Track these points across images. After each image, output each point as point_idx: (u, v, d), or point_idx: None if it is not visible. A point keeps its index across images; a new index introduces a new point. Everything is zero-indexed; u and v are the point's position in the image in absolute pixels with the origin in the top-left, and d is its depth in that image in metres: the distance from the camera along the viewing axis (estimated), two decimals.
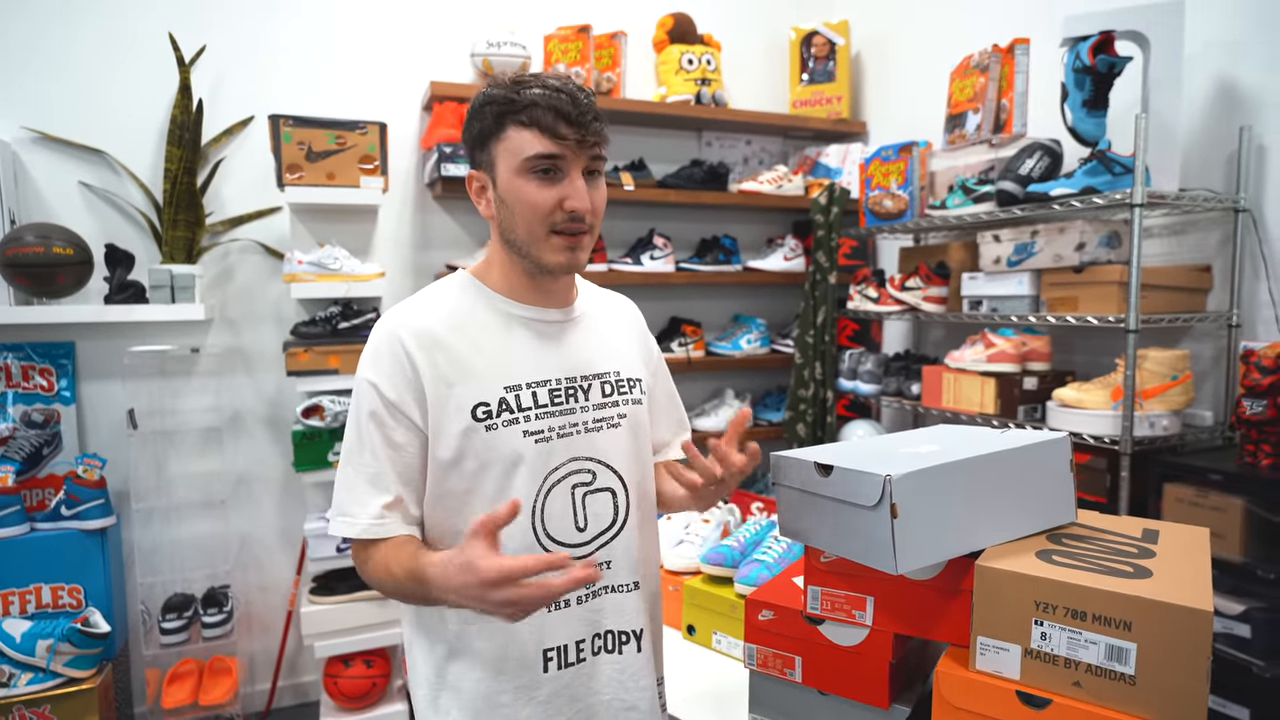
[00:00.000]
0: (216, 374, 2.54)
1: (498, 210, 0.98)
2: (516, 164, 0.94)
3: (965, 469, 0.91)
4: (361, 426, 0.96)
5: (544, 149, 0.93)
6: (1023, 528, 0.95)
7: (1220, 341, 1.93)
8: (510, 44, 2.62)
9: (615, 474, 1.03)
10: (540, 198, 0.94)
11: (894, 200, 2.49)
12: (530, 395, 0.98)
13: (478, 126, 0.97)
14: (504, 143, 0.94)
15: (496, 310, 1.01)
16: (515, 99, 0.93)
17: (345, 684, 2.41)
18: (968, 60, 2.29)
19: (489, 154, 0.96)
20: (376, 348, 0.97)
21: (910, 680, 1.05)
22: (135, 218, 2.45)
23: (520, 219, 0.95)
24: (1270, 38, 1.83)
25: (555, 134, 0.92)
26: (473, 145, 0.99)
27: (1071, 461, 1.00)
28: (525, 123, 0.93)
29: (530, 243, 0.96)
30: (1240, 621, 1.58)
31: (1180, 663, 0.77)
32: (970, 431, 1.09)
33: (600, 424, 1.03)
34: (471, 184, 1.01)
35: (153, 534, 2.47)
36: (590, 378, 1.03)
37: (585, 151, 0.95)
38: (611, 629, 1.03)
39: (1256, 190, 1.86)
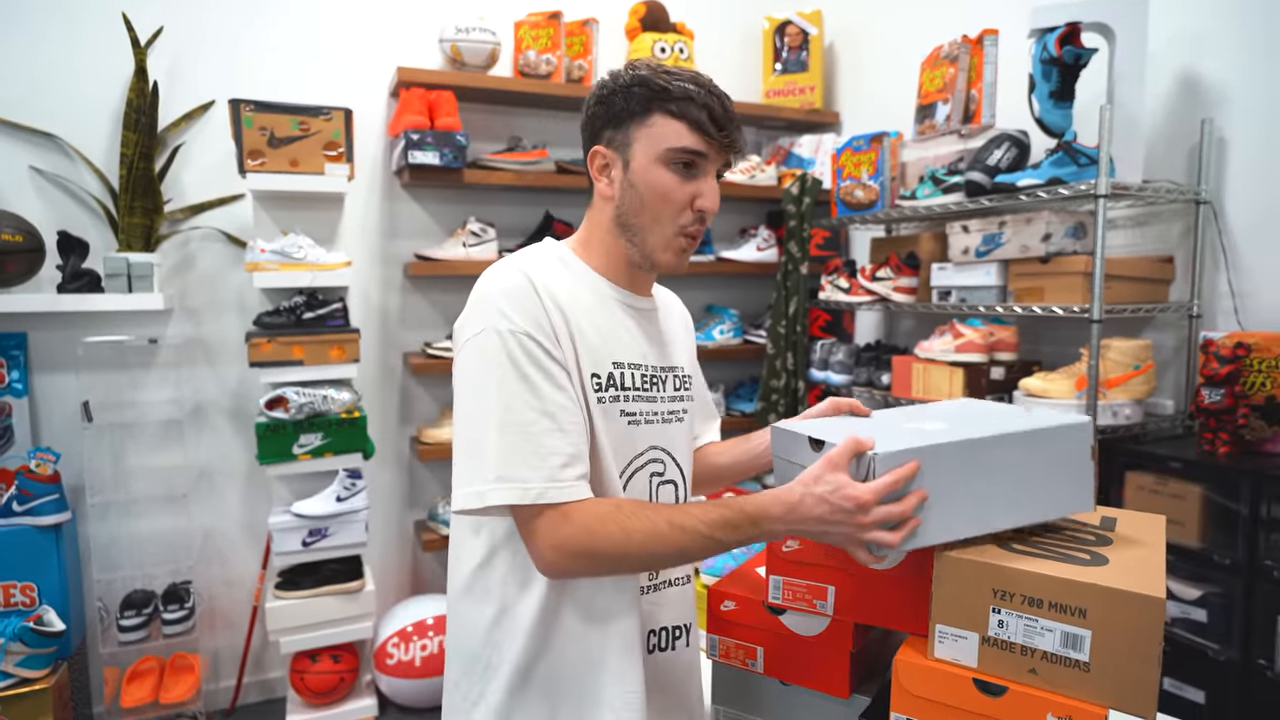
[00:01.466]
0: (177, 365, 2.48)
1: (622, 192, 0.96)
2: (659, 152, 0.93)
3: (965, 451, 0.86)
4: (525, 378, 0.87)
5: (692, 144, 0.93)
6: (1029, 515, 0.90)
7: (1182, 331, 1.96)
8: (480, 30, 2.57)
9: (679, 467, 1.05)
10: (676, 191, 0.94)
11: (865, 191, 2.49)
12: (630, 376, 0.98)
13: (620, 104, 0.95)
14: (649, 128, 0.94)
15: (600, 288, 1.00)
16: (669, 88, 0.92)
17: (312, 679, 2.38)
18: (938, 51, 2.29)
19: (626, 134, 0.95)
20: (510, 296, 0.90)
21: (872, 670, 1.05)
22: (90, 204, 2.38)
23: (649, 207, 0.95)
24: (1231, 33, 1.85)
25: (705, 131, 0.93)
26: (605, 121, 0.97)
27: (1093, 449, 0.96)
28: (675, 113, 0.93)
29: (651, 234, 0.96)
30: (1197, 606, 1.61)
31: (1133, 649, 0.77)
32: (991, 409, 1.04)
33: (672, 416, 1.03)
34: (594, 160, 0.98)
35: (110, 529, 2.41)
36: (666, 370, 1.04)
37: (725, 155, 0.96)
38: (666, 625, 1.02)
39: (1217, 182, 1.88)
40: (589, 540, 0.85)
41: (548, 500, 0.85)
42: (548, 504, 0.85)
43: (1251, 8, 1.81)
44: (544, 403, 0.87)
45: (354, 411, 2.39)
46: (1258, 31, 1.80)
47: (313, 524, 2.33)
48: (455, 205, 2.80)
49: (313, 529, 2.34)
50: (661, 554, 0.87)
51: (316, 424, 2.31)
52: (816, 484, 0.84)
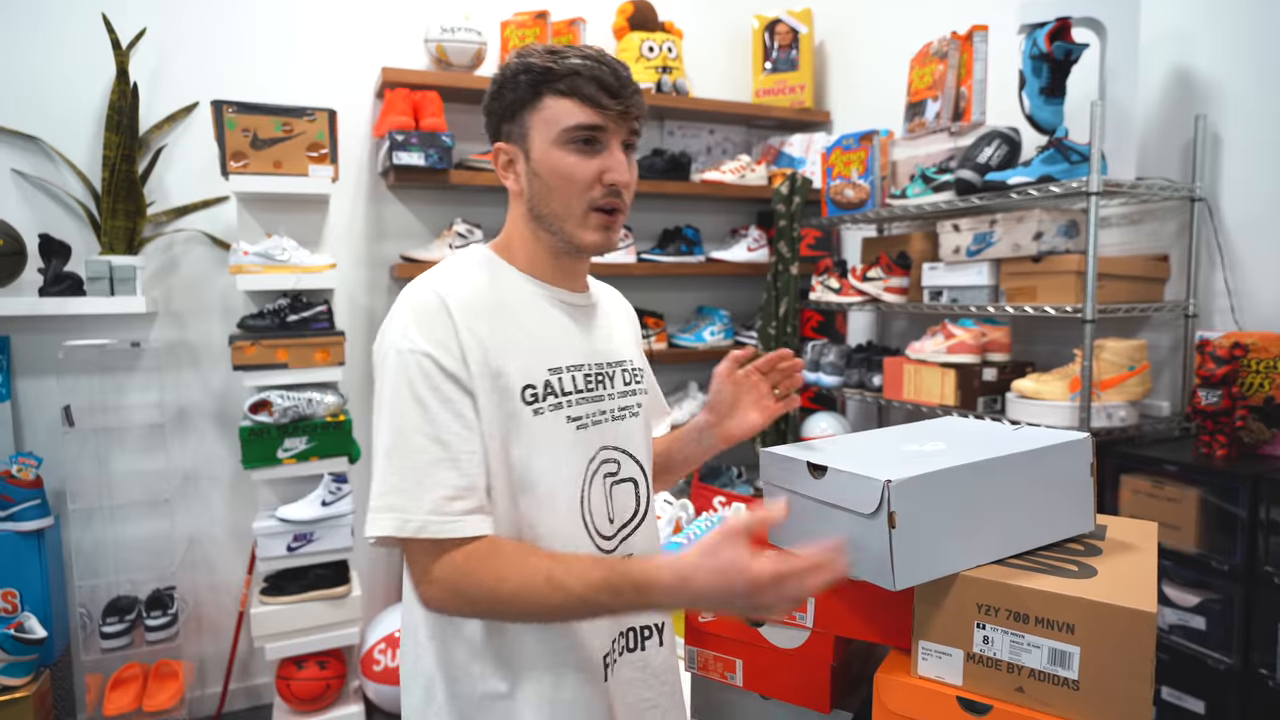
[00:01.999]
0: (160, 369, 2.45)
1: (528, 184, 0.93)
2: (554, 134, 0.89)
3: (974, 473, 0.82)
4: (421, 403, 0.83)
5: (585, 119, 0.89)
6: (1036, 538, 0.87)
7: (1177, 331, 1.93)
8: (465, 29, 2.55)
9: (637, 464, 1.00)
10: (579, 169, 0.90)
11: (855, 190, 2.46)
12: (571, 379, 0.93)
13: (510, 95, 0.91)
14: (540, 112, 0.90)
15: (530, 289, 0.95)
16: (553, 67, 0.88)
17: (298, 686, 2.35)
18: (927, 47, 2.26)
19: (521, 125, 0.92)
20: (418, 315, 0.86)
21: (855, 684, 1.02)
22: (73, 207, 2.35)
23: (557, 192, 0.91)
24: (1225, 27, 1.82)
25: (597, 104, 0.88)
26: (501, 116, 0.94)
27: (1092, 465, 0.91)
28: (564, 91, 0.89)
29: (566, 218, 0.92)
30: (1195, 613, 1.57)
31: (1124, 666, 0.74)
32: (978, 427, 1.01)
33: (624, 412, 0.99)
34: (498, 157, 0.95)
35: (93, 535, 2.38)
36: (613, 365, 1.00)
37: (626, 123, 0.91)
38: (634, 625, 0.99)
39: (1212, 179, 1.85)
40: (463, 582, 0.81)
41: (428, 535, 0.81)
42: (428, 538, 0.81)
43: (1245, 1, 1.78)
44: (436, 429, 0.83)
45: (339, 415, 2.35)
46: (1252, 25, 1.77)
47: (298, 529, 2.30)
48: (441, 206, 2.77)
49: (298, 534, 2.30)
50: (533, 608, 0.81)
51: (301, 427, 2.28)
52: (712, 557, 0.75)
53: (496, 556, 0.82)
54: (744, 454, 3.22)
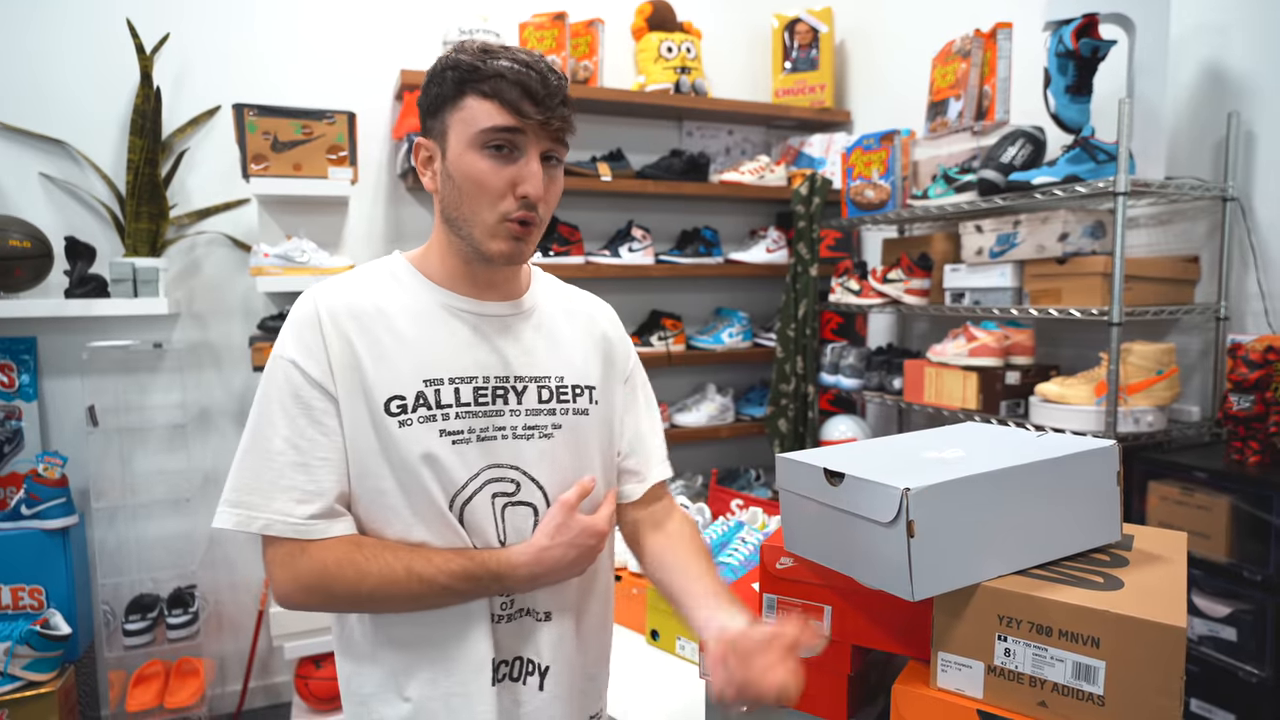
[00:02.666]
0: (182, 369, 2.48)
1: (442, 185, 0.90)
2: (470, 135, 0.86)
3: (994, 481, 0.81)
4: (283, 408, 0.86)
5: (502, 122, 0.85)
6: (1059, 549, 0.85)
7: (1208, 334, 1.88)
8: (484, 31, 2.55)
9: (539, 488, 0.93)
10: (491, 177, 0.86)
11: (875, 190, 2.43)
12: (452, 391, 0.89)
13: (435, 91, 0.89)
14: (460, 111, 0.86)
15: (428, 298, 0.93)
16: (480, 67, 0.85)
17: (316, 685, 2.36)
18: (950, 46, 2.22)
19: (442, 122, 0.88)
20: (294, 323, 0.89)
21: (873, 694, 1.00)
22: (98, 210, 2.39)
23: (466, 197, 0.87)
24: (1259, 21, 1.77)
25: (517, 109, 0.85)
26: (426, 111, 0.91)
27: (1119, 474, 0.89)
28: (486, 93, 0.85)
29: (475, 224, 0.88)
30: (1226, 624, 1.53)
31: (1152, 681, 0.72)
32: (1001, 433, 0.99)
33: (531, 431, 0.93)
34: (419, 153, 0.92)
35: (117, 533, 2.41)
36: (526, 380, 0.94)
37: (546, 134, 0.87)
38: (520, 655, 0.94)
39: (1245, 178, 1.80)
40: (322, 578, 0.85)
41: (274, 533, 0.85)
42: (276, 536, 0.85)
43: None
44: (294, 434, 0.86)
45: None
46: None
47: None
48: None
49: None
50: (395, 599, 0.86)
51: None
52: (560, 533, 0.88)
53: (357, 553, 0.85)
54: (762, 456, 3.20)
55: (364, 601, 0.86)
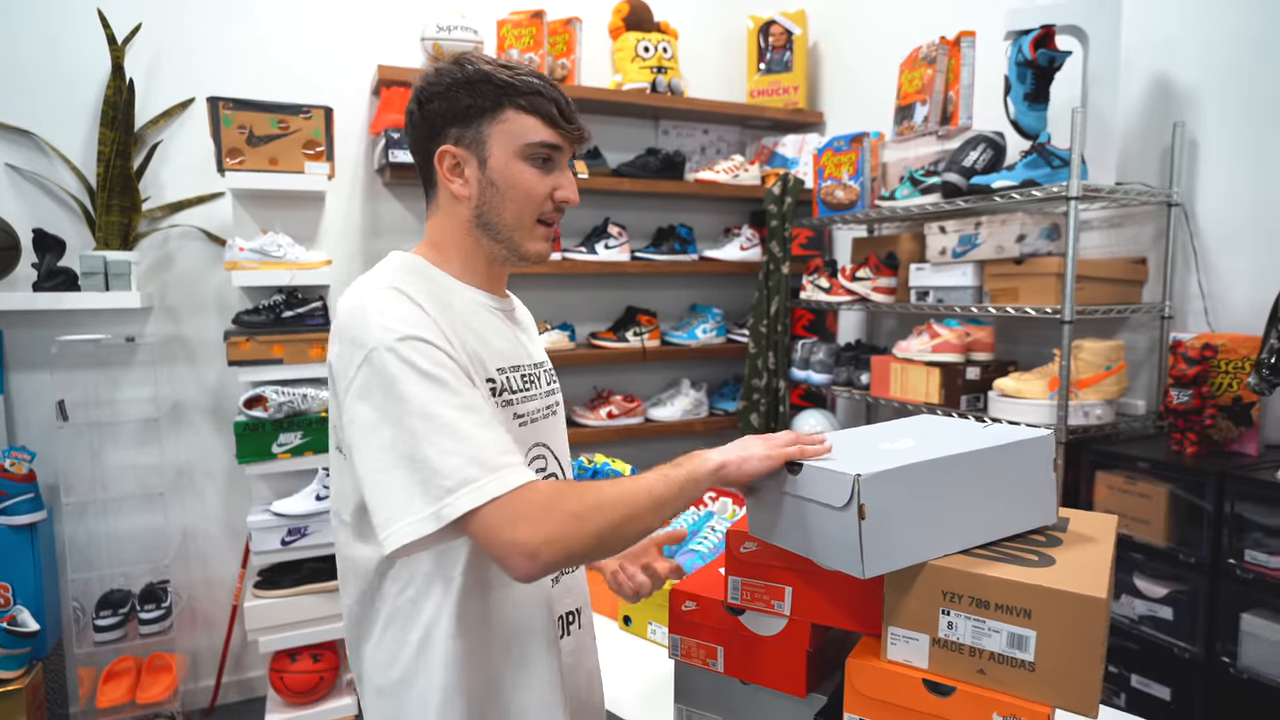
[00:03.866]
0: (155, 364, 2.47)
1: (481, 191, 0.94)
2: (517, 147, 0.93)
3: (939, 468, 0.87)
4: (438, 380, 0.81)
5: (549, 138, 0.94)
6: (999, 530, 0.91)
7: (1154, 332, 1.97)
8: (462, 28, 2.57)
9: (557, 460, 1.05)
10: (536, 184, 0.94)
11: (845, 191, 2.50)
12: (518, 378, 0.98)
13: (466, 101, 0.92)
14: (504, 123, 0.92)
15: (468, 295, 0.97)
16: (515, 83, 0.92)
17: (291, 679, 2.37)
18: (917, 52, 2.30)
19: (479, 132, 0.93)
20: (386, 309, 0.84)
21: (830, 670, 1.06)
22: (67, 202, 2.37)
23: (511, 203, 0.94)
24: (1203, 36, 1.86)
25: (557, 125, 0.94)
26: (450, 119, 0.93)
27: (1054, 461, 0.96)
28: (527, 108, 0.92)
29: (516, 228, 0.95)
30: (1164, 604, 1.62)
31: (1077, 648, 0.78)
32: (950, 425, 1.05)
33: (549, 411, 1.04)
34: (443, 160, 0.94)
35: (87, 528, 2.40)
36: (537, 366, 1.04)
37: (574, 145, 0.98)
38: (569, 609, 1.05)
39: (1189, 185, 1.89)
40: (565, 500, 0.80)
41: (509, 486, 0.78)
42: (507, 492, 0.78)
43: (1223, 11, 1.82)
44: (462, 398, 0.82)
45: None
46: (1228, 35, 1.81)
47: (292, 523, 2.33)
48: None
49: (292, 528, 2.33)
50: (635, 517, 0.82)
51: (296, 423, 2.31)
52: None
53: (573, 486, 0.83)
54: None
55: (611, 529, 0.81)
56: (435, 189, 0.98)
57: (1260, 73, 1.75)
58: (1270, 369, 1.52)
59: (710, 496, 1.85)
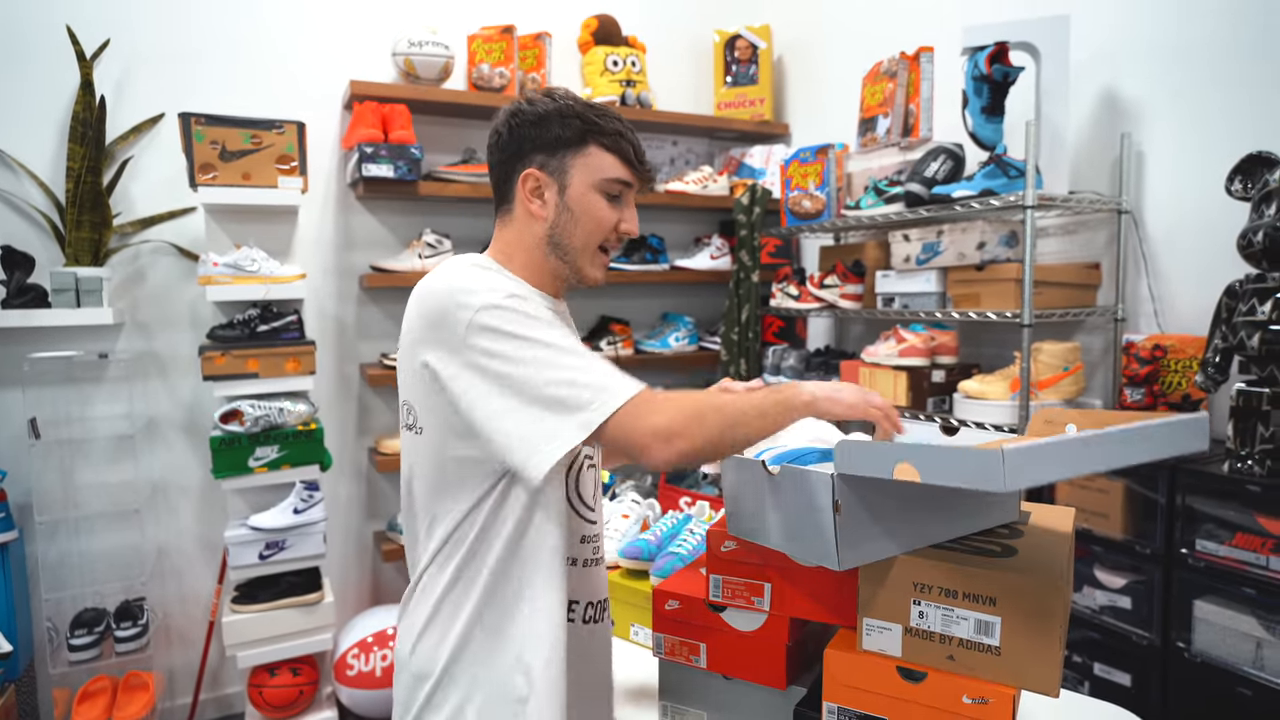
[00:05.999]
0: (128, 380, 2.45)
1: (557, 214, 1.03)
2: (596, 180, 1.03)
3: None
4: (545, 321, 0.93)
5: (624, 175, 1.04)
6: (967, 526, 0.97)
7: (1108, 334, 2.06)
8: (433, 44, 2.60)
9: (597, 454, 1.13)
10: (607, 215, 1.04)
11: (812, 201, 2.57)
12: None
13: (556, 131, 1.01)
14: (586, 157, 1.02)
15: (540, 298, 1.04)
16: (601, 123, 1.02)
17: (271, 693, 2.36)
18: (878, 66, 2.38)
19: (562, 161, 1.02)
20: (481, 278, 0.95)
21: (810, 663, 1.10)
22: (35, 218, 2.35)
23: (581, 229, 1.03)
24: (1147, 52, 1.96)
25: (632, 165, 1.04)
26: (537, 146, 1.02)
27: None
28: (609, 147, 1.02)
29: (581, 252, 1.04)
30: (1122, 594, 1.70)
31: (1037, 631, 0.84)
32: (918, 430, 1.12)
33: None
34: (526, 182, 1.03)
35: (59, 547, 2.37)
36: None
37: (644, 187, 1.09)
38: (598, 599, 1.12)
39: (1137, 193, 1.99)
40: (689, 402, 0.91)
41: (632, 392, 0.89)
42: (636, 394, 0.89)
43: (1164, 28, 1.92)
44: (570, 336, 0.94)
45: (310, 424, 2.38)
46: (1171, 51, 1.91)
47: (270, 536, 2.32)
48: (410, 217, 2.81)
49: (270, 541, 2.32)
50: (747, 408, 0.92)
51: (273, 436, 2.31)
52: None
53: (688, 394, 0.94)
54: None
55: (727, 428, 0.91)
56: (511, 205, 1.06)
57: (1200, 87, 1.86)
58: (1215, 367, 1.61)
59: (686, 501, 1.89)
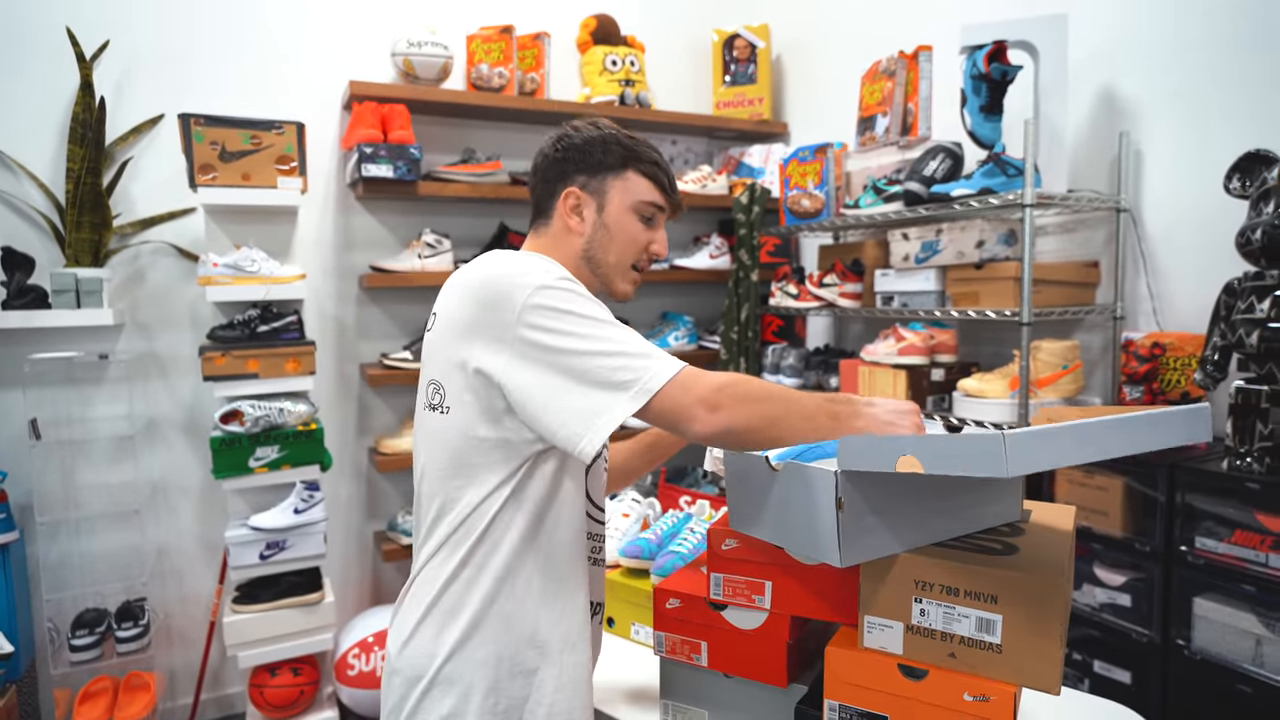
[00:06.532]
0: (129, 380, 2.45)
1: (594, 231, 1.10)
2: (632, 203, 1.10)
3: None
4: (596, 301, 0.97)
5: (659, 200, 1.12)
6: (968, 525, 0.97)
7: (1107, 332, 2.06)
8: (432, 44, 2.60)
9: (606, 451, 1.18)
10: (641, 236, 1.12)
11: (811, 200, 2.57)
12: None
13: (599, 156, 1.10)
14: (624, 181, 1.10)
15: None
16: (639, 151, 1.11)
17: (271, 693, 2.36)
18: (877, 65, 2.38)
19: (602, 183, 1.10)
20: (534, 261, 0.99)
21: (811, 661, 1.11)
22: (35, 219, 2.35)
23: (616, 246, 1.11)
24: (1145, 50, 1.96)
25: (666, 192, 1.13)
26: (580, 167, 1.10)
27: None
28: (646, 174, 1.11)
29: (614, 268, 1.12)
30: (1122, 592, 1.70)
31: (1038, 629, 0.84)
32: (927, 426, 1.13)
33: None
34: (567, 199, 1.10)
35: (60, 548, 2.37)
36: None
37: (674, 214, 1.17)
38: (598, 600, 1.14)
39: (1135, 191, 2.00)
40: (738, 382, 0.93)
41: (680, 366, 0.93)
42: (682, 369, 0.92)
43: (1163, 26, 1.93)
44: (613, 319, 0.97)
45: (311, 424, 2.38)
46: (1168, 48, 1.92)
47: (270, 536, 2.32)
48: (410, 217, 2.82)
49: (270, 541, 2.33)
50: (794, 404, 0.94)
51: (273, 437, 2.31)
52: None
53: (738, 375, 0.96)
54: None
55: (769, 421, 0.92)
56: (549, 219, 1.13)
57: (1199, 85, 1.86)
58: (1214, 365, 1.61)
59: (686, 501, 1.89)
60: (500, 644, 0.99)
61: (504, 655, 0.99)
